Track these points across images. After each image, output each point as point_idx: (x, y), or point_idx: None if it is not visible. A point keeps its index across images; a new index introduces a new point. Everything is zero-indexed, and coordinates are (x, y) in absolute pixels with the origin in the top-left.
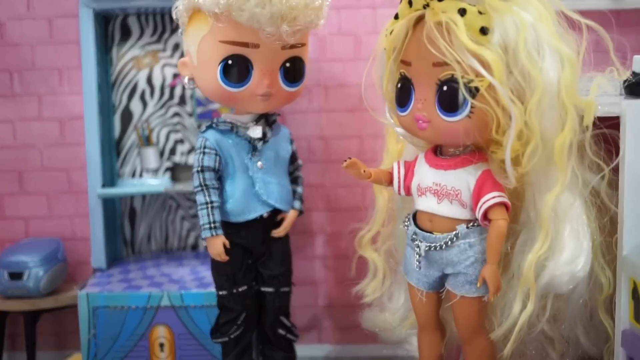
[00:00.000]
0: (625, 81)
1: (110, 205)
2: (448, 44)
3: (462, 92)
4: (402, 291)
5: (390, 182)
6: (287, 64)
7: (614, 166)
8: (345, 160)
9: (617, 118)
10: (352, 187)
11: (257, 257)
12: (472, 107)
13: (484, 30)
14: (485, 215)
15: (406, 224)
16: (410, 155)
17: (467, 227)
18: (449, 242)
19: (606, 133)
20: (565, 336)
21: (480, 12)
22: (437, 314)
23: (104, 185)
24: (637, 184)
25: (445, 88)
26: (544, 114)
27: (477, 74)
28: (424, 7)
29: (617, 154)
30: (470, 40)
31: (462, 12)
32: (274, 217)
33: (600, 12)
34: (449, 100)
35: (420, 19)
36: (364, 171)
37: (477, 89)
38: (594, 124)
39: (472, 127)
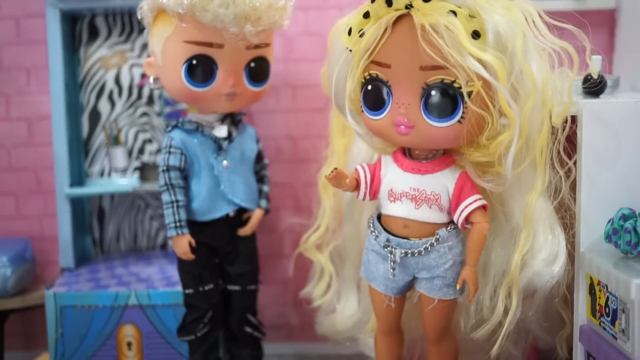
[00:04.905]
0: (584, 81)
1: (78, 205)
2: (447, 47)
3: (460, 97)
4: (352, 294)
5: (355, 188)
6: (252, 64)
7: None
8: (332, 172)
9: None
10: None
11: (223, 255)
12: (463, 111)
13: (475, 35)
14: (465, 219)
15: (373, 230)
16: (357, 156)
17: (447, 231)
18: (429, 247)
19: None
20: (520, 326)
21: (470, 16)
22: (400, 318)
23: (72, 185)
24: (594, 182)
25: (433, 92)
26: (532, 117)
27: (470, 79)
28: (407, 8)
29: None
30: (471, 44)
31: (453, 15)
32: (240, 216)
33: (564, 12)
34: (438, 105)
35: (398, 20)
36: (349, 182)
37: (469, 94)
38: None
39: (462, 132)
